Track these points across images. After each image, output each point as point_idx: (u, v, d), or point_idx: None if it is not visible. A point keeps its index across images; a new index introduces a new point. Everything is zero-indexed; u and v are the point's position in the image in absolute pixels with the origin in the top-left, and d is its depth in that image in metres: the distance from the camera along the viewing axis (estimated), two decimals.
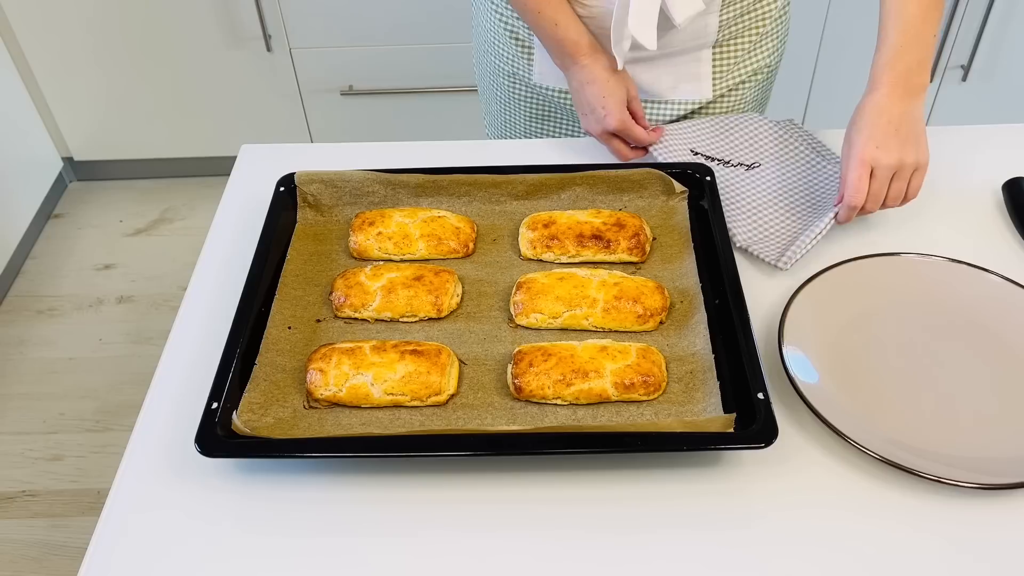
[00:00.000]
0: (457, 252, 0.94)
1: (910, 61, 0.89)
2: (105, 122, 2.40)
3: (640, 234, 0.92)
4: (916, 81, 0.89)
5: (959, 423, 0.78)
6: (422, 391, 0.78)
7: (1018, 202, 1.00)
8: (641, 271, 0.92)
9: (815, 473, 0.76)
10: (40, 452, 1.87)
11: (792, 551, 0.70)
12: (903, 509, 0.73)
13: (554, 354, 0.80)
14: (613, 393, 0.78)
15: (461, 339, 0.86)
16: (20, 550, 1.70)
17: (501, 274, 0.93)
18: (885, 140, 0.87)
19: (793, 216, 0.98)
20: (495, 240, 0.97)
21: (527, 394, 0.79)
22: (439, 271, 0.89)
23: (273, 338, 0.83)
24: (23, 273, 2.30)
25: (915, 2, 0.89)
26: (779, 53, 1.17)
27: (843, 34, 2.08)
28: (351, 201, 0.99)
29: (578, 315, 0.85)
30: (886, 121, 0.88)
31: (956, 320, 0.87)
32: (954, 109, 2.22)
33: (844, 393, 0.80)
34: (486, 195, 0.99)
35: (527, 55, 1.13)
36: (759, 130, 1.08)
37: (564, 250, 0.92)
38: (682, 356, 0.83)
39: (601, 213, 0.95)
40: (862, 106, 0.90)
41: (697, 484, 0.75)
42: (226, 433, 0.74)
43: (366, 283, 0.88)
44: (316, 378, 0.79)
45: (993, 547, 0.70)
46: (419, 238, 0.94)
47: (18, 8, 2.15)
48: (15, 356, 2.08)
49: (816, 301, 0.87)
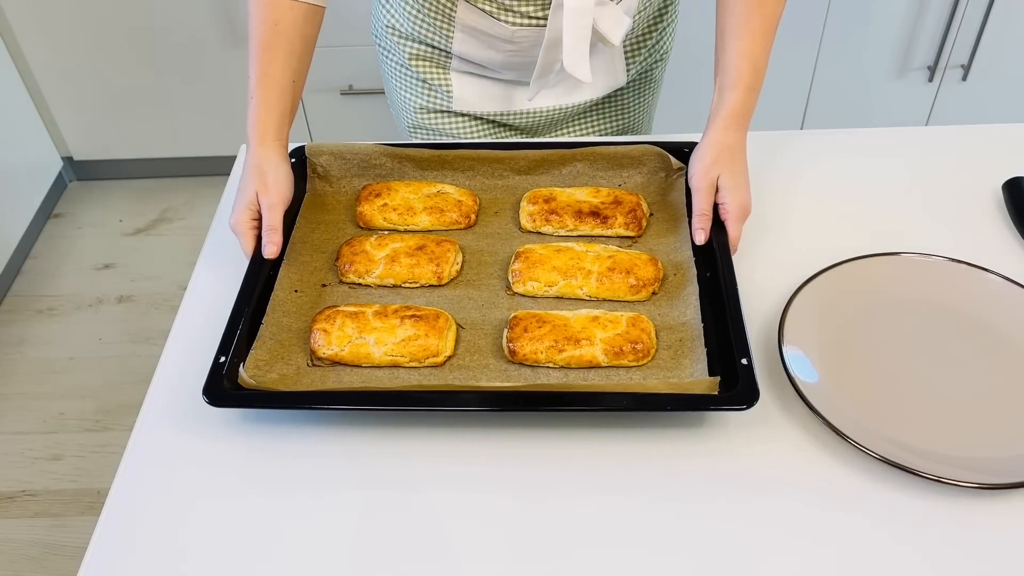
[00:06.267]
0: (459, 223, 0.97)
1: (755, 100, 0.95)
2: (105, 122, 2.40)
3: (636, 210, 0.95)
4: (749, 122, 0.96)
5: (959, 423, 0.78)
6: (420, 353, 0.82)
7: (1018, 202, 1.00)
8: (637, 244, 0.95)
9: (815, 473, 0.76)
10: (40, 452, 1.87)
11: (792, 551, 0.70)
12: (903, 509, 0.73)
13: (548, 321, 0.83)
14: (603, 359, 0.81)
15: (460, 305, 0.89)
16: (20, 550, 1.70)
17: (501, 245, 0.95)
18: (748, 189, 0.94)
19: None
20: (497, 213, 1.00)
21: (521, 357, 0.82)
22: (441, 241, 0.92)
23: (280, 300, 0.87)
24: (23, 273, 2.30)
25: (760, 44, 0.94)
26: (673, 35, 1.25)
27: (843, 34, 2.08)
28: (359, 173, 1.02)
29: (573, 284, 0.88)
30: (746, 168, 0.94)
31: (956, 320, 0.87)
32: (954, 109, 2.22)
33: (844, 393, 0.80)
34: (489, 169, 1.02)
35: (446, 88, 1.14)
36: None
37: (563, 224, 0.95)
38: (672, 325, 0.85)
39: (600, 192, 0.98)
40: (729, 144, 0.93)
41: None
42: (232, 386, 0.78)
43: (371, 251, 0.91)
44: (320, 338, 0.82)
45: (993, 547, 0.70)
46: (422, 210, 0.97)
47: (18, 8, 2.15)
48: (15, 356, 2.08)
49: (816, 301, 0.87)
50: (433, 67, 1.12)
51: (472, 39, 1.05)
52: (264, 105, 0.94)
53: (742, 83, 0.93)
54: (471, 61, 1.09)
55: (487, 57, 1.07)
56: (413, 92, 1.16)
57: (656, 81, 1.26)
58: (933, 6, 2.04)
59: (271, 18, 0.92)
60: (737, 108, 0.94)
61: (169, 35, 2.19)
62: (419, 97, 1.16)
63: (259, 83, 0.94)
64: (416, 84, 1.15)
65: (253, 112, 0.94)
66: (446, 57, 1.10)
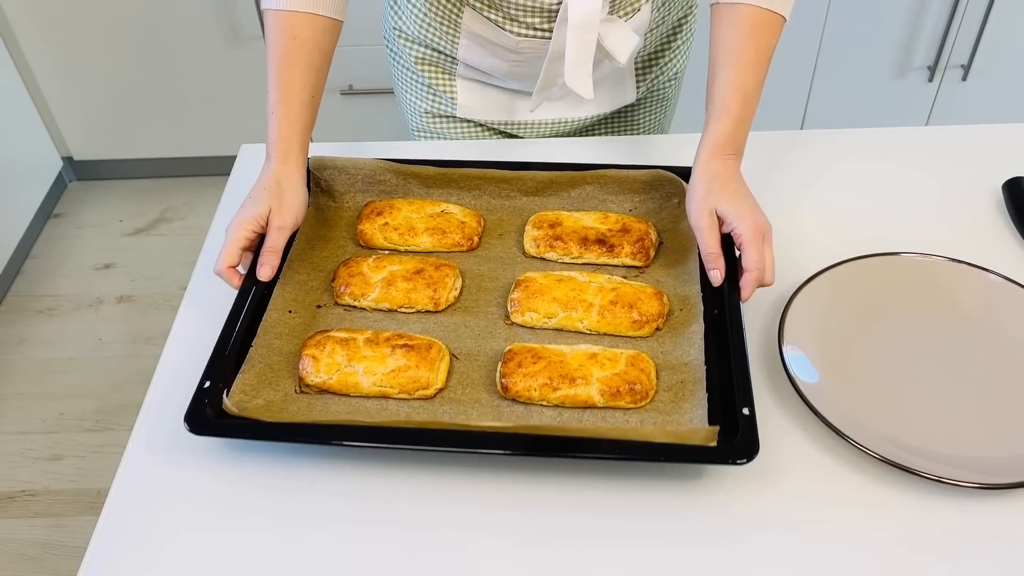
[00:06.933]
0: (461, 246, 0.95)
1: (746, 132, 0.91)
2: (105, 122, 2.40)
3: (645, 239, 0.92)
4: (742, 152, 0.91)
5: (959, 423, 0.78)
6: (410, 385, 0.79)
7: (1018, 202, 1.00)
8: (644, 275, 0.92)
9: (814, 473, 0.76)
10: (40, 452, 1.87)
11: (791, 550, 0.70)
12: (903, 509, 0.73)
13: (543, 357, 0.80)
14: (599, 400, 0.78)
15: (456, 333, 0.86)
16: (20, 550, 1.70)
17: (503, 270, 0.93)
18: (755, 208, 0.86)
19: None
20: (501, 235, 0.97)
21: (513, 394, 0.79)
22: (440, 265, 0.90)
23: (272, 321, 0.84)
24: (23, 273, 2.30)
25: (752, 76, 0.89)
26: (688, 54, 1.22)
27: (843, 34, 2.08)
28: (363, 189, 1.00)
29: (573, 317, 0.85)
30: (745, 189, 0.88)
31: (956, 320, 0.87)
32: (954, 109, 2.22)
33: (844, 393, 0.80)
34: (496, 189, 0.99)
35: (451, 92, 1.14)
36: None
37: (567, 251, 0.92)
38: (675, 365, 0.82)
39: (608, 218, 0.95)
40: (717, 173, 0.87)
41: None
42: (216, 413, 0.75)
43: (368, 274, 0.89)
44: (308, 365, 0.80)
45: (993, 547, 0.70)
46: (424, 231, 0.94)
47: (18, 8, 2.15)
48: (15, 356, 2.08)
49: (816, 301, 0.87)
50: (439, 72, 1.12)
51: (477, 46, 1.05)
52: (287, 120, 0.91)
53: (730, 114, 0.89)
54: (476, 68, 1.09)
55: (492, 65, 1.07)
56: (419, 96, 1.16)
57: (669, 100, 1.23)
58: (933, 6, 2.04)
59: (289, 32, 0.91)
60: (723, 138, 0.88)
61: (169, 35, 2.19)
62: (424, 101, 1.16)
63: (281, 97, 0.91)
64: (422, 88, 1.14)
65: (275, 127, 0.91)
66: (452, 63, 1.10)
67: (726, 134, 0.88)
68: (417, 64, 1.12)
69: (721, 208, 0.85)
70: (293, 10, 0.90)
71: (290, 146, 0.91)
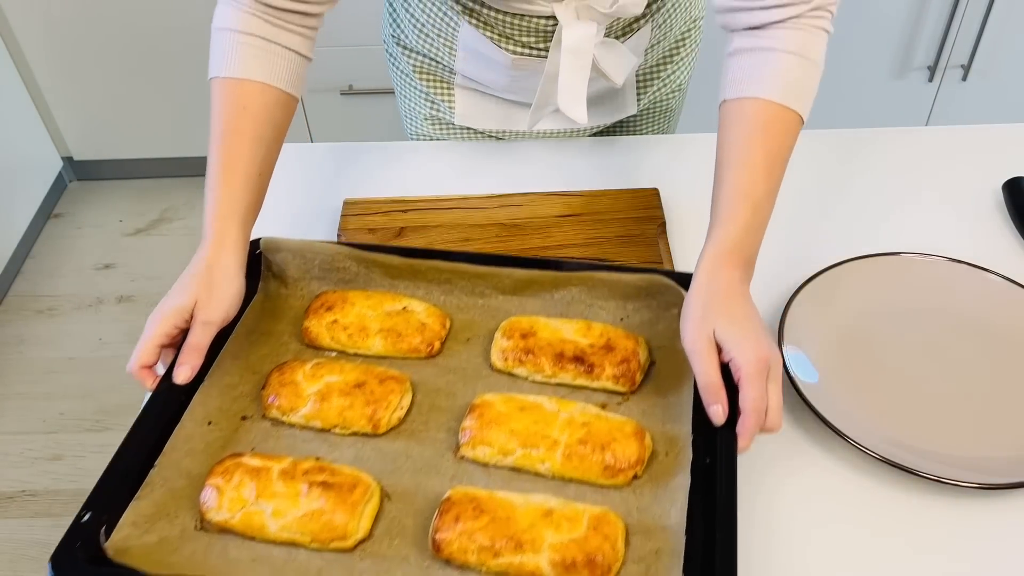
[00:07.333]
0: (418, 352, 0.81)
1: (756, 242, 0.77)
2: (105, 122, 2.40)
3: (631, 359, 0.77)
4: (752, 266, 0.77)
5: (959, 423, 0.78)
6: (324, 533, 0.67)
7: (1018, 202, 1.00)
8: (628, 403, 0.77)
9: (815, 473, 0.76)
10: (40, 452, 1.87)
11: (791, 550, 0.70)
12: (903, 509, 0.73)
13: (487, 511, 0.66)
14: (549, 573, 0.64)
15: (395, 464, 0.73)
16: (20, 550, 1.70)
17: (463, 385, 0.79)
18: (760, 334, 0.71)
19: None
20: (468, 340, 0.83)
21: (447, 555, 0.65)
22: (386, 378, 0.77)
23: (186, 434, 0.72)
24: (22, 273, 2.31)
25: (763, 179, 0.77)
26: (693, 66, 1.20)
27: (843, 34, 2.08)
28: (320, 275, 0.86)
29: (533, 457, 0.71)
30: (751, 310, 0.74)
31: (956, 320, 0.87)
32: (954, 109, 2.22)
33: (844, 393, 0.80)
34: (469, 285, 0.85)
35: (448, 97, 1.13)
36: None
37: (539, 368, 0.78)
38: (650, 527, 0.67)
39: (591, 329, 0.80)
40: (719, 289, 0.73)
41: None
42: (89, 556, 0.62)
43: (301, 384, 0.77)
44: (210, 498, 0.68)
45: (993, 547, 0.70)
46: (377, 333, 0.82)
47: (18, 8, 2.15)
48: (14, 356, 2.09)
49: (816, 301, 0.87)
50: (437, 81, 1.11)
51: (474, 60, 1.04)
52: (227, 197, 0.80)
53: (737, 220, 0.75)
54: (474, 80, 1.09)
55: (490, 79, 1.06)
56: (417, 102, 1.16)
57: (672, 111, 1.21)
58: (933, 6, 2.04)
59: (239, 102, 0.82)
60: (728, 245, 0.75)
61: (169, 35, 2.19)
62: (423, 108, 1.15)
63: (224, 171, 0.80)
64: (420, 96, 1.14)
65: (214, 204, 0.79)
66: (450, 73, 1.09)
67: (732, 241, 0.75)
68: (415, 73, 1.12)
69: (719, 332, 0.71)
70: (245, 78, 0.82)
71: (228, 227, 0.79)
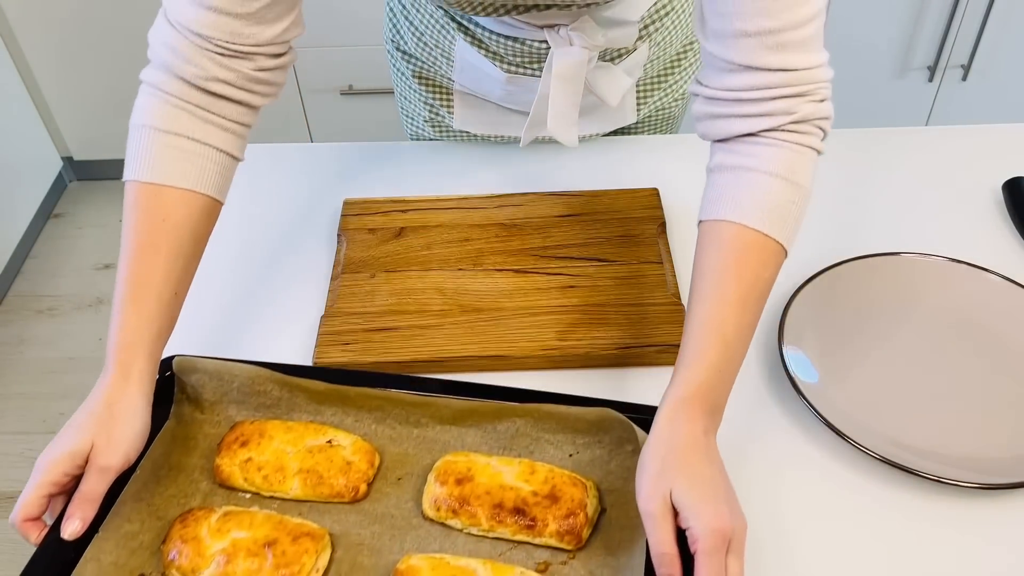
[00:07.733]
0: (342, 496, 0.72)
1: (726, 385, 0.68)
2: (105, 122, 2.40)
3: (578, 514, 0.68)
4: (720, 412, 0.68)
5: (959, 423, 0.78)
6: None
7: (1018, 202, 1.00)
8: (575, 561, 0.68)
9: (814, 473, 0.76)
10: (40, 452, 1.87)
11: (790, 550, 0.70)
12: (903, 509, 0.73)
13: None
14: None
15: None
16: (20, 550, 1.70)
17: (389, 539, 0.69)
18: (721, 498, 0.62)
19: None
20: (399, 480, 0.73)
21: None
22: (300, 535, 0.67)
23: None
24: (23, 273, 2.31)
25: (735, 314, 0.68)
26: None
27: (843, 35, 2.08)
28: (239, 399, 0.77)
29: None
30: (714, 469, 0.64)
31: (956, 320, 0.87)
32: (954, 109, 2.22)
33: (844, 393, 0.80)
34: (403, 413, 0.75)
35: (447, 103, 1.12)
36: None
37: (475, 521, 0.69)
38: None
39: (535, 473, 0.70)
40: (678, 444, 0.63)
41: None
42: None
43: (205, 540, 0.67)
44: None
45: (993, 547, 0.70)
46: (296, 474, 0.72)
47: (18, 8, 2.15)
48: (14, 356, 2.09)
49: (816, 301, 0.87)
50: (436, 87, 1.11)
51: (471, 72, 1.04)
52: (135, 323, 0.70)
53: (704, 360, 0.66)
54: (472, 89, 1.08)
55: (486, 90, 1.06)
56: (416, 105, 1.16)
57: (675, 118, 1.19)
58: (933, 6, 2.04)
59: (158, 213, 0.75)
60: (692, 389, 0.65)
61: None
62: (422, 110, 1.15)
63: (133, 292, 0.71)
64: (419, 100, 1.14)
65: (119, 331, 0.70)
66: (449, 80, 1.09)
67: (697, 384, 0.65)
68: (414, 78, 1.12)
69: (677, 495, 0.60)
70: (167, 185, 0.75)
71: (134, 357, 0.70)
